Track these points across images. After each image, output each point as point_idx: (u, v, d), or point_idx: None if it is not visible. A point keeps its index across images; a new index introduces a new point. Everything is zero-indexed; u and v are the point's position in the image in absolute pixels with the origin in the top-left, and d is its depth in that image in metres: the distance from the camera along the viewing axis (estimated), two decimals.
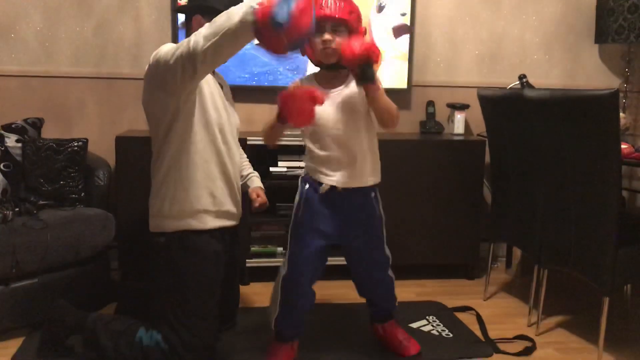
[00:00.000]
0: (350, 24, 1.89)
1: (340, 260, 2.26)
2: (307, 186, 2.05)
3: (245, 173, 2.39)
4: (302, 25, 1.62)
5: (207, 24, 1.74)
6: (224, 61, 1.86)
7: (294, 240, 2.07)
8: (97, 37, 3.10)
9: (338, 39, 1.89)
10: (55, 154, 2.69)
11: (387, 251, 2.18)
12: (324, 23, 1.87)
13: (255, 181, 2.39)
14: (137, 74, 3.10)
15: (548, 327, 2.55)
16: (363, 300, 2.29)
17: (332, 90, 1.99)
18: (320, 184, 2.01)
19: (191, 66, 1.76)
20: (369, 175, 2.05)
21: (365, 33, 1.96)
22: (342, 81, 2.01)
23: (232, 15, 1.68)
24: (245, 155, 2.47)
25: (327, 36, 1.88)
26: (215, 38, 1.69)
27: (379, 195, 2.12)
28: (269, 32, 1.62)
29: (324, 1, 1.87)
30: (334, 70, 1.98)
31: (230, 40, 1.71)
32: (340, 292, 2.77)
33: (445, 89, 3.44)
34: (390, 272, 2.21)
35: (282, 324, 2.10)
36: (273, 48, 1.68)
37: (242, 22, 1.67)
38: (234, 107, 2.25)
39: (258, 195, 2.31)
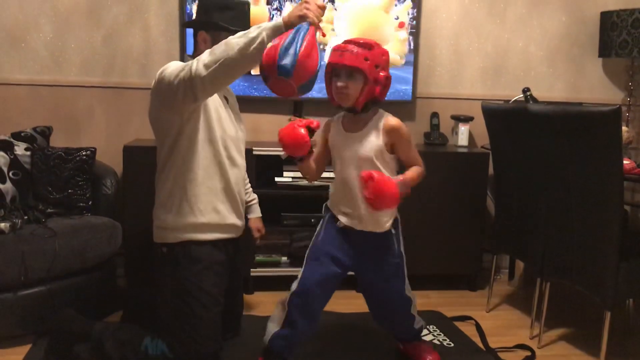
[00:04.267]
0: (364, 71, 1.87)
1: None
2: (328, 214, 2.10)
3: (248, 198, 2.45)
4: (309, 70, 1.70)
5: (207, 51, 1.80)
6: (225, 87, 1.91)
7: (310, 261, 2.06)
8: (106, 47, 3.14)
9: (353, 85, 1.90)
10: (64, 163, 2.72)
11: (408, 292, 2.17)
12: (339, 69, 1.90)
13: (256, 210, 2.50)
14: (145, 83, 3.14)
15: (550, 340, 2.56)
16: (366, 309, 2.30)
17: (353, 133, 2.00)
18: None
19: (192, 92, 1.81)
20: (385, 221, 2.05)
21: (387, 79, 1.94)
22: (364, 124, 2.00)
23: (232, 46, 1.73)
24: (245, 175, 2.48)
25: (340, 83, 1.90)
26: (214, 66, 1.75)
27: (400, 232, 2.14)
28: (276, 78, 1.69)
29: (341, 47, 1.90)
30: (353, 112, 1.99)
31: (228, 70, 1.77)
32: (345, 302, 2.78)
33: (449, 101, 3.46)
34: (413, 311, 2.19)
35: (277, 342, 2.04)
36: (281, 92, 1.77)
37: (241, 53, 1.72)
38: (240, 118, 2.28)
39: (259, 230, 2.49)
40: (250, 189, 2.51)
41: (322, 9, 1.80)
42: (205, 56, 1.78)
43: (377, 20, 3.25)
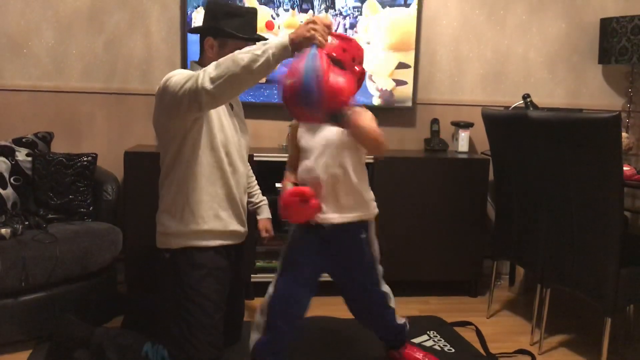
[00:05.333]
0: (342, 61, 1.86)
1: None
2: None
3: (256, 200, 2.47)
4: (336, 94, 1.69)
5: (213, 64, 1.79)
6: (232, 98, 1.93)
7: (285, 264, 2.06)
8: (108, 53, 3.16)
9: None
10: (65, 169, 2.73)
11: (384, 287, 2.16)
12: None
13: (265, 211, 2.50)
14: (146, 89, 3.16)
15: (550, 346, 2.56)
16: None
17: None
18: None
19: (197, 103, 1.82)
20: (353, 210, 2.01)
21: (362, 74, 1.94)
22: None
23: (237, 62, 1.73)
24: (253, 177, 2.51)
25: None
26: (220, 81, 1.75)
27: (372, 234, 2.10)
28: (302, 111, 1.73)
29: None
30: None
31: (234, 85, 1.78)
32: (338, 307, 2.78)
33: (449, 107, 3.47)
34: (391, 303, 2.18)
35: (261, 348, 2.02)
36: (309, 121, 1.86)
37: (246, 70, 1.73)
38: (245, 125, 2.28)
39: (267, 231, 2.47)
40: (259, 191, 2.52)
41: (329, 27, 1.78)
42: (212, 69, 1.78)
43: (408, 26, 3.29)
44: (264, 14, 3.12)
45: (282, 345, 2.05)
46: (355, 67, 1.92)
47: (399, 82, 3.32)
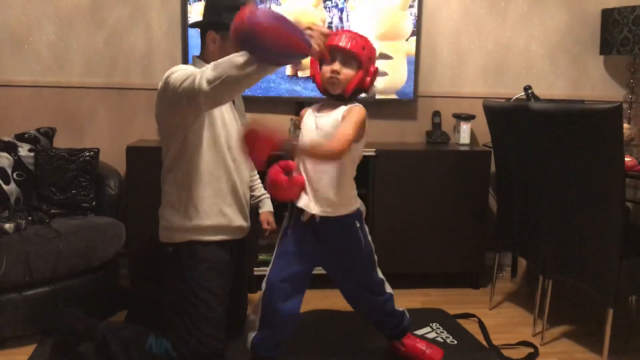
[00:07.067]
0: (360, 58, 1.90)
1: None
2: (292, 210, 2.01)
3: (257, 194, 2.48)
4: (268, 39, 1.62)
5: (211, 65, 1.77)
6: (230, 100, 1.91)
7: (276, 260, 2.02)
8: (109, 48, 3.16)
9: (346, 71, 1.91)
10: (67, 164, 2.73)
11: (380, 274, 2.16)
12: (336, 54, 1.90)
13: (267, 204, 2.50)
14: (147, 84, 3.16)
15: (553, 337, 2.57)
16: None
17: (322, 113, 1.97)
18: (302, 211, 1.95)
19: (195, 103, 1.81)
20: (346, 205, 1.99)
21: (376, 72, 1.96)
22: (336, 107, 1.97)
23: (234, 64, 1.71)
24: (255, 171, 2.51)
25: (335, 66, 1.89)
26: (216, 83, 1.73)
27: (365, 225, 2.08)
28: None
29: (340, 33, 1.91)
30: (339, 100, 1.97)
31: (230, 88, 1.76)
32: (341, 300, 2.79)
33: (451, 100, 3.47)
34: (387, 289, 2.19)
35: (259, 344, 2.01)
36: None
37: (242, 72, 1.70)
38: (246, 119, 2.29)
39: (269, 223, 2.47)
40: (261, 185, 2.52)
41: (326, 36, 1.80)
42: (209, 71, 1.75)
43: (395, 19, 3.27)
44: None
45: (278, 339, 2.03)
46: (372, 67, 1.95)
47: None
